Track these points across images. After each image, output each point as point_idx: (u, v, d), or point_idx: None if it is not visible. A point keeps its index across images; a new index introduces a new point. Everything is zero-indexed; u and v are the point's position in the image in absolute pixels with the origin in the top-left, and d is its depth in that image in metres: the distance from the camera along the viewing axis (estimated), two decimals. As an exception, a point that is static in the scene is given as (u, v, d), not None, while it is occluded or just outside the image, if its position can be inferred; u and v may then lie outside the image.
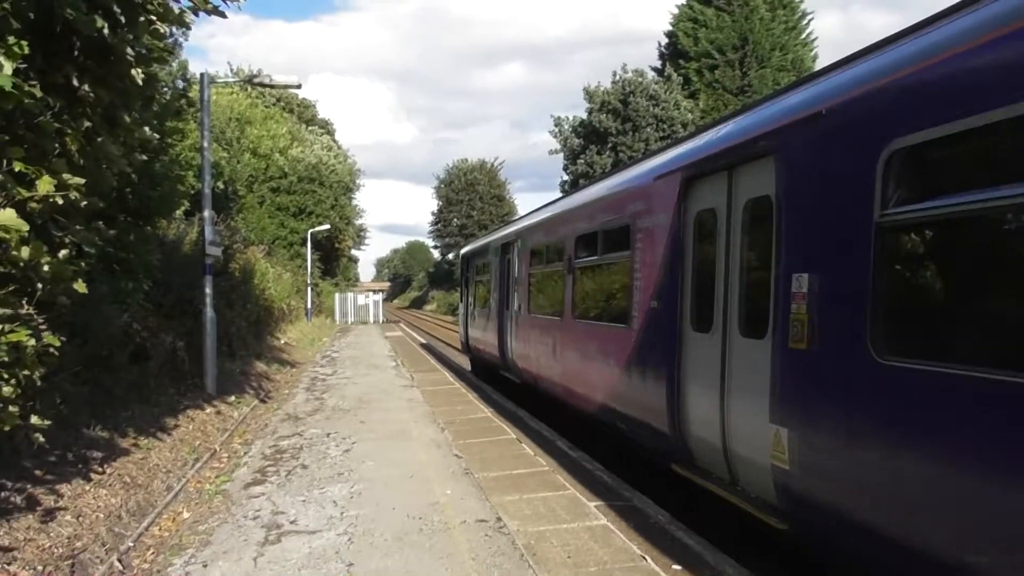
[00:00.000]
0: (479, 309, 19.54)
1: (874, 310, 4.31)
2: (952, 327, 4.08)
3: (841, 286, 4.66)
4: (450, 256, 76.82)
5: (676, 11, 46.00)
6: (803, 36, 44.66)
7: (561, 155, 47.64)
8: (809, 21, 44.95)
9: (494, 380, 17.38)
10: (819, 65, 41.55)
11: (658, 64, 48.03)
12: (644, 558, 5.67)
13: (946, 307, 4.17)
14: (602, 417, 9.27)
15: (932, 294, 4.36)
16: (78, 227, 6.00)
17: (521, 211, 63.20)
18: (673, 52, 46.09)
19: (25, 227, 4.99)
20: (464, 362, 22.68)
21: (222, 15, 7.07)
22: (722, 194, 6.43)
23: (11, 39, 5.01)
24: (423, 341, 34.22)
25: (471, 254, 21.90)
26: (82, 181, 5.69)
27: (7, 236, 4.89)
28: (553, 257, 12.09)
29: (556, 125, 47.82)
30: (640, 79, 43.77)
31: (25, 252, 5.03)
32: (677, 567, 5.56)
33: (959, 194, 3.86)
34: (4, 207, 5.17)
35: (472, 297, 21.15)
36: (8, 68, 4.93)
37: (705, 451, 6.60)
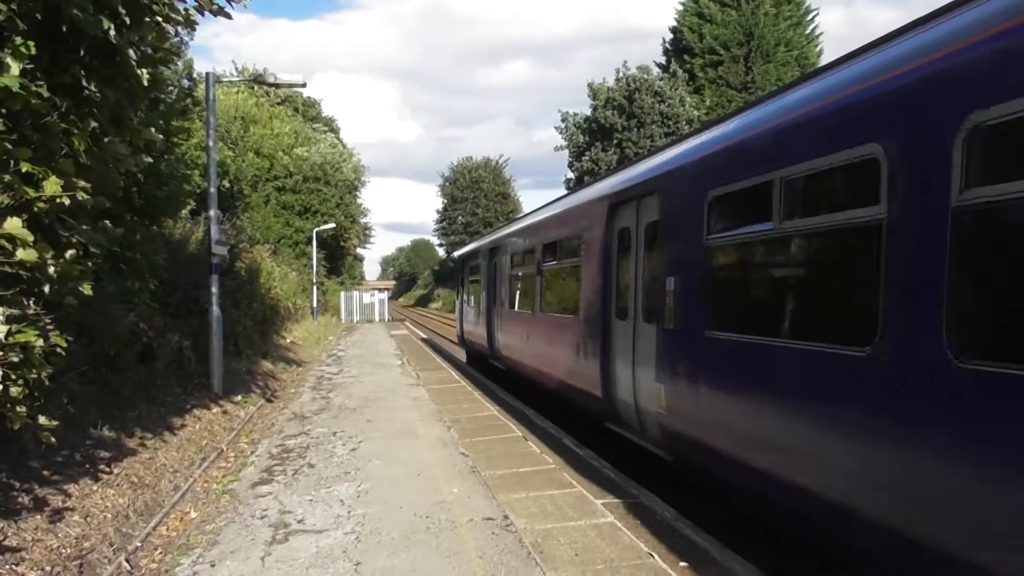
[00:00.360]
0: (471, 306, 21.86)
1: (707, 303, 6.61)
2: (743, 314, 6.20)
3: (691, 285, 6.86)
4: (455, 254, 77.09)
5: (681, 7, 45.93)
6: (808, 31, 44.57)
7: (566, 152, 47.65)
8: (814, 17, 44.86)
9: (485, 368, 19.58)
10: (823, 61, 41.50)
11: (663, 60, 47.99)
12: (651, 555, 5.66)
13: (736, 301, 6.43)
14: (561, 391, 11.57)
15: (735, 292, 6.53)
16: (85, 227, 6.01)
17: (526, 208, 63.28)
18: (678, 48, 46.05)
19: (30, 237, 5.00)
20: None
21: (227, 16, 7.08)
22: (632, 218, 8.60)
23: (18, 40, 5.02)
24: (429, 339, 34.24)
25: (465, 256, 24.28)
26: (88, 185, 5.70)
27: (7, 244, 4.91)
28: (528, 261, 14.32)
29: (563, 121, 47.81)
30: (645, 76, 43.74)
31: (28, 255, 5.04)
32: (684, 564, 5.55)
33: (726, 229, 6.40)
34: (12, 208, 5.19)
35: (466, 295, 23.36)
36: (15, 69, 4.94)
37: (625, 410, 8.68)
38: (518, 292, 15.32)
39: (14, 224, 4.91)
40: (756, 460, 5.65)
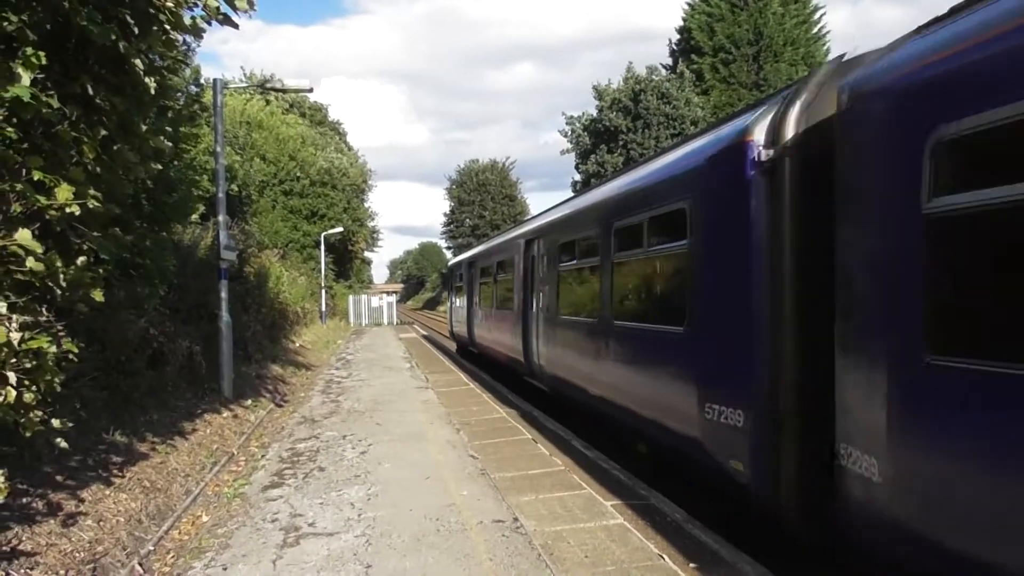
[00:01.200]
0: (457, 306, 27.46)
1: (549, 303, 12.32)
2: (576, 306, 10.75)
3: (540, 294, 13.01)
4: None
5: (689, 7, 45.89)
6: (815, 31, 44.47)
7: (573, 154, 47.64)
8: (821, 16, 44.76)
9: (467, 355, 25.09)
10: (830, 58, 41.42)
11: (669, 61, 47.95)
12: (661, 557, 5.67)
13: (570, 298, 11.22)
14: (504, 362, 17.50)
15: (571, 293, 11.19)
16: (95, 234, 6.06)
17: (533, 211, 63.33)
18: (685, 48, 45.98)
19: (39, 248, 5.05)
20: (476, 363, 22.69)
21: (234, 25, 7.12)
22: (531, 249, 14.18)
23: (29, 50, 5.08)
24: (437, 342, 34.27)
25: (452, 267, 30.93)
26: (98, 194, 5.76)
27: (20, 252, 4.96)
28: (487, 273, 20.02)
29: (568, 124, 47.81)
30: (652, 76, 43.71)
31: (36, 265, 5.10)
32: (694, 565, 5.56)
33: (571, 260, 11.37)
34: (24, 215, 5.24)
35: (453, 297, 29.02)
36: (26, 79, 4.99)
37: (534, 368, 13.83)
38: (483, 296, 20.76)
39: (24, 236, 4.96)
40: (590, 388, 9.91)
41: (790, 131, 5.45)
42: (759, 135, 5.72)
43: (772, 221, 5.53)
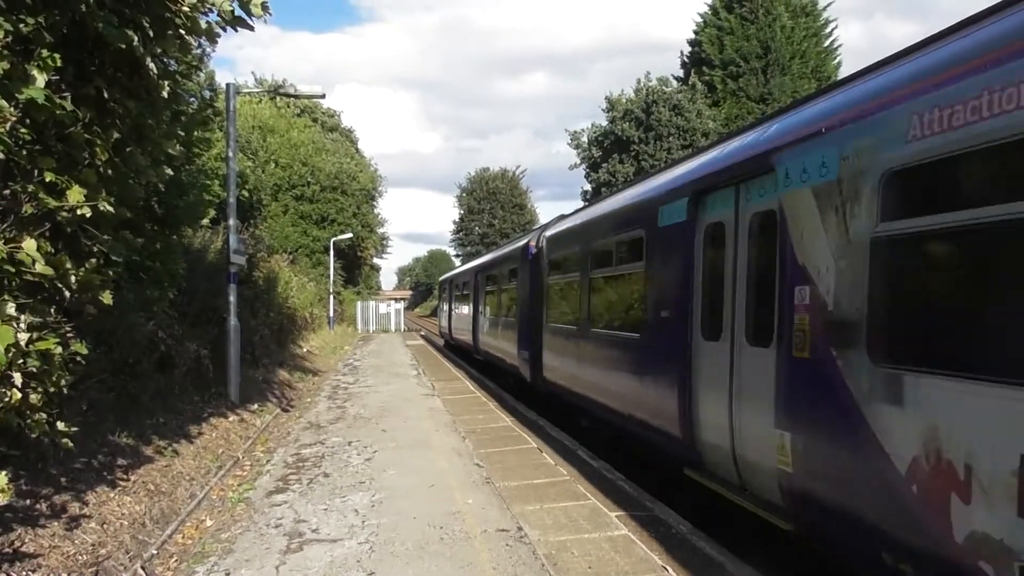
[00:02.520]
0: (443, 311, 38.56)
1: (476, 316, 24.37)
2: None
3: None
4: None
5: (700, 19, 45.92)
6: (826, 44, 44.39)
7: (583, 166, 47.68)
8: (833, 29, 44.69)
9: (452, 349, 33.69)
10: (842, 73, 41.33)
11: (680, 73, 47.95)
12: (665, 568, 5.63)
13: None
14: (468, 349, 26.28)
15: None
16: (106, 237, 6.08)
17: (542, 220, 63.47)
18: (696, 60, 45.97)
19: (41, 259, 5.07)
20: (483, 371, 22.70)
21: (250, 28, 7.15)
22: (477, 278, 24.26)
23: (44, 52, 5.11)
24: (443, 350, 34.26)
25: (441, 281, 44.39)
26: (111, 198, 5.78)
27: (27, 257, 4.98)
28: (462, 287, 29.37)
29: (572, 139, 47.87)
30: (664, 88, 43.71)
31: (44, 269, 5.12)
32: (699, 580, 5.52)
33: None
34: (36, 217, 5.27)
35: (441, 305, 40.88)
36: (41, 81, 5.02)
37: (481, 348, 22.95)
38: (461, 305, 29.56)
39: (29, 245, 4.98)
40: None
41: (537, 244, 14.89)
42: (531, 243, 15.26)
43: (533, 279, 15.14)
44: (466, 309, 26.98)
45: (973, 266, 3.99)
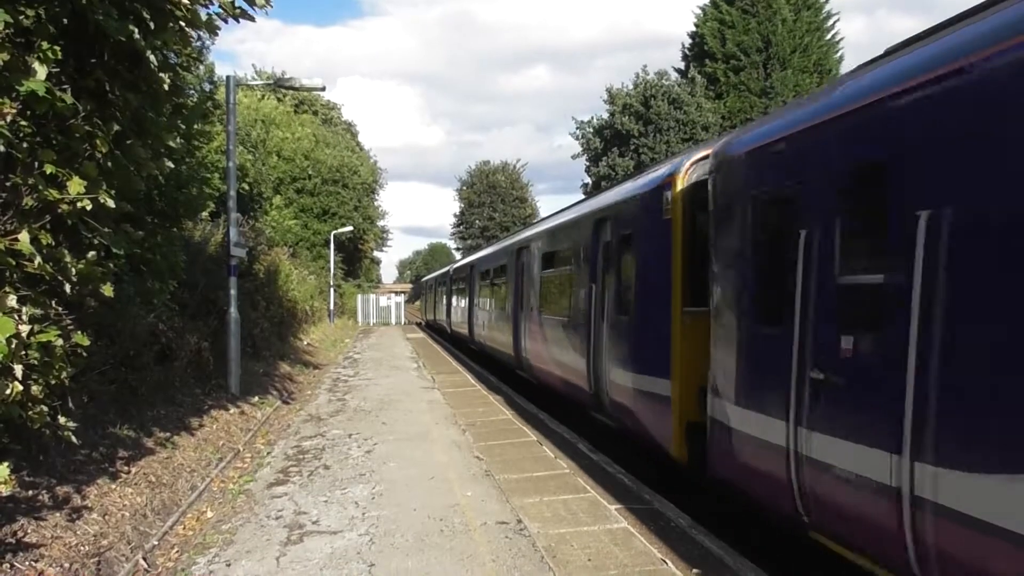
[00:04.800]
0: (428, 303, 50.03)
1: (449, 307, 35.24)
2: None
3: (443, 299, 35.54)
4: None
5: (701, 12, 45.79)
6: (828, 37, 44.25)
7: (584, 159, 47.67)
8: (834, 22, 44.55)
9: (434, 330, 43.31)
10: (844, 68, 41.22)
11: (682, 66, 47.84)
12: (664, 562, 5.66)
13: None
14: (445, 328, 36.42)
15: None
16: (106, 230, 6.09)
17: (543, 213, 63.54)
18: (697, 53, 45.86)
19: (37, 256, 5.08)
20: (483, 363, 22.72)
21: (251, 19, 7.14)
22: (446, 276, 37.02)
23: (44, 44, 5.11)
24: (443, 343, 34.30)
25: (425, 281, 57.42)
26: (111, 191, 5.79)
27: (26, 249, 5.00)
28: (437, 286, 43.16)
29: (578, 128, 47.81)
30: (663, 81, 43.62)
31: (43, 268, 5.13)
32: (697, 571, 5.54)
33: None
34: (36, 210, 5.27)
35: (424, 298, 56.55)
36: (42, 73, 5.02)
37: (455, 330, 31.65)
38: (437, 299, 41.35)
39: (24, 238, 4.99)
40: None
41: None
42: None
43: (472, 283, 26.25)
44: (438, 299, 41.25)
45: None
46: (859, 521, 4.53)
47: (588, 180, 47.06)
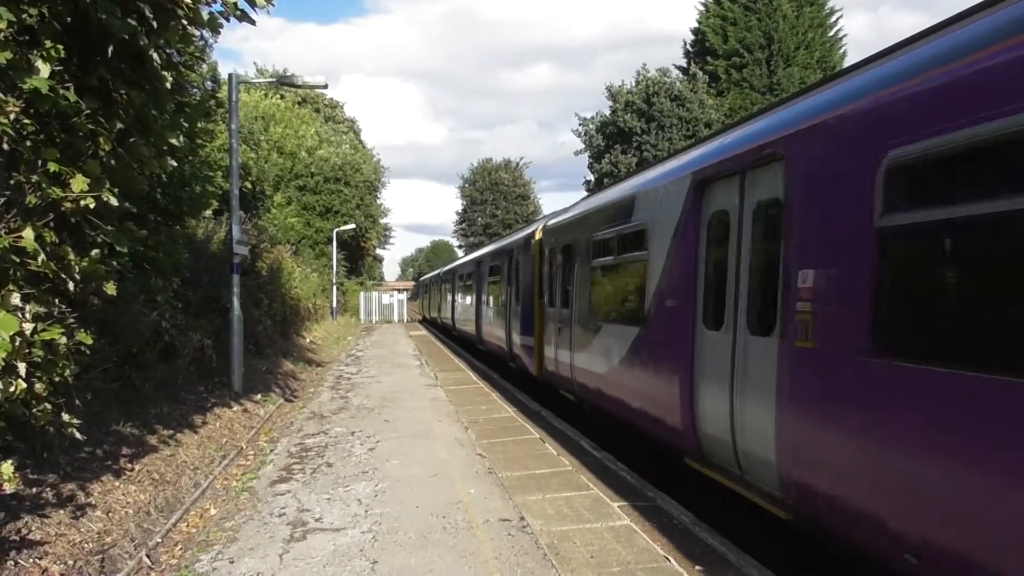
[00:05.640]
0: (426, 301, 54.27)
1: (434, 300, 45.58)
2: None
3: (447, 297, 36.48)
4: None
5: (703, 8, 45.71)
6: (831, 34, 44.18)
7: (587, 155, 47.61)
8: (837, 19, 44.46)
9: (429, 324, 48.72)
10: (847, 63, 41.11)
11: (684, 63, 47.77)
12: (667, 559, 5.66)
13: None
14: (445, 325, 37.06)
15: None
16: (110, 227, 6.10)
17: (546, 210, 63.67)
18: (700, 50, 45.81)
19: (41, 253, 5.09)
20: (482, 360, 22.74)
21: (251, 21, 7.15)
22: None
23: (48, 42, 5.11)
24: (446, 340, 34.31)
25: (422, 281, 64.93)
26: (115, 189, 5.80)
27: (29, 246, 5.01)
28: (435, 284, 46.31)
29: (581, 124, 47.75)
30: (665, 78, 43.56)
31: (47, 266, 5.14)
32: (700, 568, 5.55)
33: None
34: (40, 208, 5.28)
35: (421, 296, 63.54)
36: (45, 71, 5.03)
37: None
38: (432, 297, 47.00)
39: (28, 235, 5.00)
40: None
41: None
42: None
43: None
44: (436, 297, 43.05)
45: None
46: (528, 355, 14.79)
47: (591, 177, 47.01)
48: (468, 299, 26.94)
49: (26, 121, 5.16)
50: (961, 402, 3.72)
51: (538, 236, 14.66)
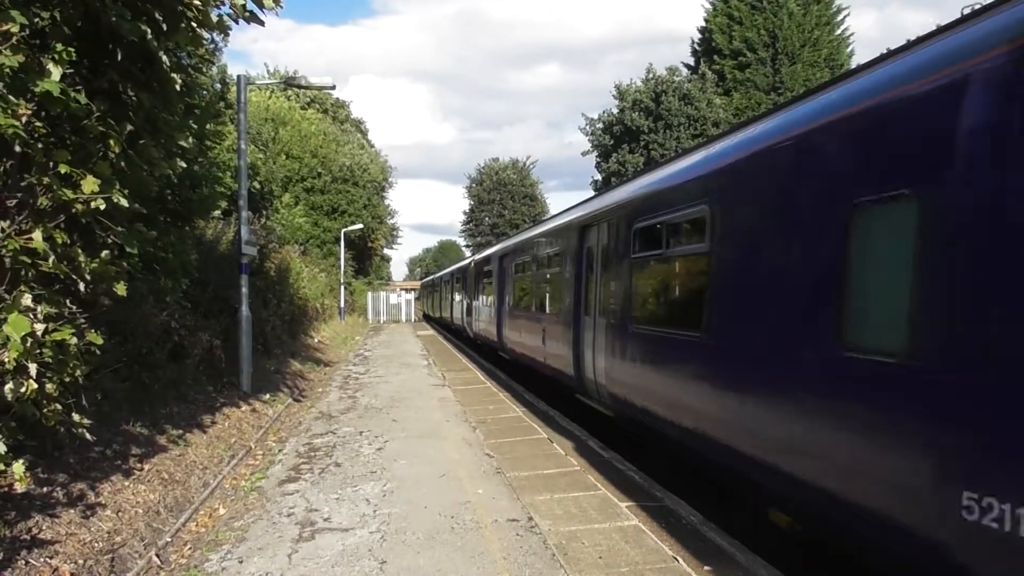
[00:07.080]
0: (427, 301, 59.74)
1: (435, 299, 51.98)
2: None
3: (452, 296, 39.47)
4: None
5: (710, 7, 45.60)
6: (839, 32, 44.02)
7: (594, 155, 47.57)
8: (844, 17, 44.29)
9: (429, 320, 55.16)
10: (855, 62, 40.95)
11: (691, 61, 47.68)
12: (676, 559, 5.66)
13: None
14: (443, 322, 42.39)
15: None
16: (120, 228, 6.13)
17: (553, 210, 63.74)
18: (707, 49, 45.71)
19: (51, 254, 5.12)
20: (488, 360, 22.76)
21: (260, 23, 7.17)
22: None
23: (59, 46, 5.15)
24: (453, 340, 34.35)
25: (424, 283, 70.70)
26: (125, 191, 5.83)
27: (40, 247, 5.04)
28: (433, 287, 52.80)
29: (588, 124, 47.71)
30: (673, 77, 43.48)
31: (57, 267, 5.17)
32: (708, 568, 5.55)
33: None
34: (51, 209, 5.32)
35: (424, 297, 63.73)
36: (56, 74, 5.07)
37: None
38: (432, 298, 52.52)
39: (37, 237, 5.03)
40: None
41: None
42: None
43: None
44: (437, 297, 47.54)
45: None
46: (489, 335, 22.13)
47: (599, 176, 46.96)
48: (458, 297, 34.73)
49: (37, 123, 5.20)
50: (656, 342, 8.16)
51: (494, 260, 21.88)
